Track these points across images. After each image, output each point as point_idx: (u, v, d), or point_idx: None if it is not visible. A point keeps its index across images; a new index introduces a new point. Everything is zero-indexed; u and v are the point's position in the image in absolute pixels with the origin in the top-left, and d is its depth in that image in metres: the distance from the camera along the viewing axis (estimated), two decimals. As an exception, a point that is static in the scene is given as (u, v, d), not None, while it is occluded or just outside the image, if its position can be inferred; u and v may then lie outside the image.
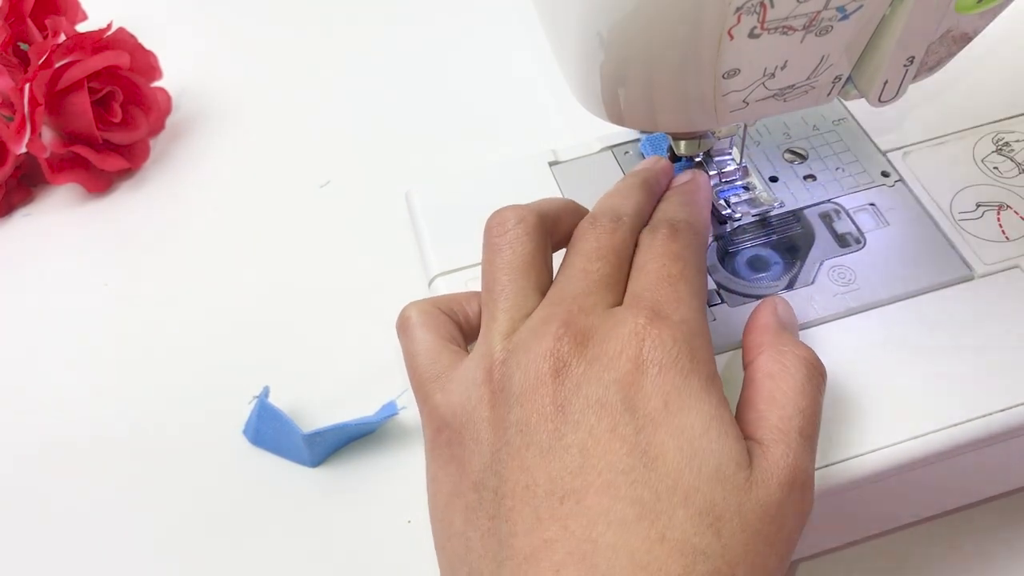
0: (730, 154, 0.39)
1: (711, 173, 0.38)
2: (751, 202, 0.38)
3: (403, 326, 0.32)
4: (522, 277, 0.30)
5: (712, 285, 0.36)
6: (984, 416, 0.31)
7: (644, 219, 0.33)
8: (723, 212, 0.38)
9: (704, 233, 0.33)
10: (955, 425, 0.31)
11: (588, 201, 0.39)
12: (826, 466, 0.30)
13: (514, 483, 0.26)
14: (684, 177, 0.35)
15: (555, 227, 0.32)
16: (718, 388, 0.28)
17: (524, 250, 0.31)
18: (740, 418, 0.28)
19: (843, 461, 0.30)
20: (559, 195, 0.41)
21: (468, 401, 0.29)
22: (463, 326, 0.33)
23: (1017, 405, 0.31)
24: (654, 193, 0.34)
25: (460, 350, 0.31)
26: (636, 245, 0.31)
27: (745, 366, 0.30)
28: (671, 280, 0.29)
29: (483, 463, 0.27)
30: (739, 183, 0.39)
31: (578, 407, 0.27)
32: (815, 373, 0.29)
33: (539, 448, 0.26)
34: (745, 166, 0.39)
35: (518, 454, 0.27)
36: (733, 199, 0.38)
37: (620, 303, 0.29)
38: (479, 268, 0.38)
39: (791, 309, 0.32)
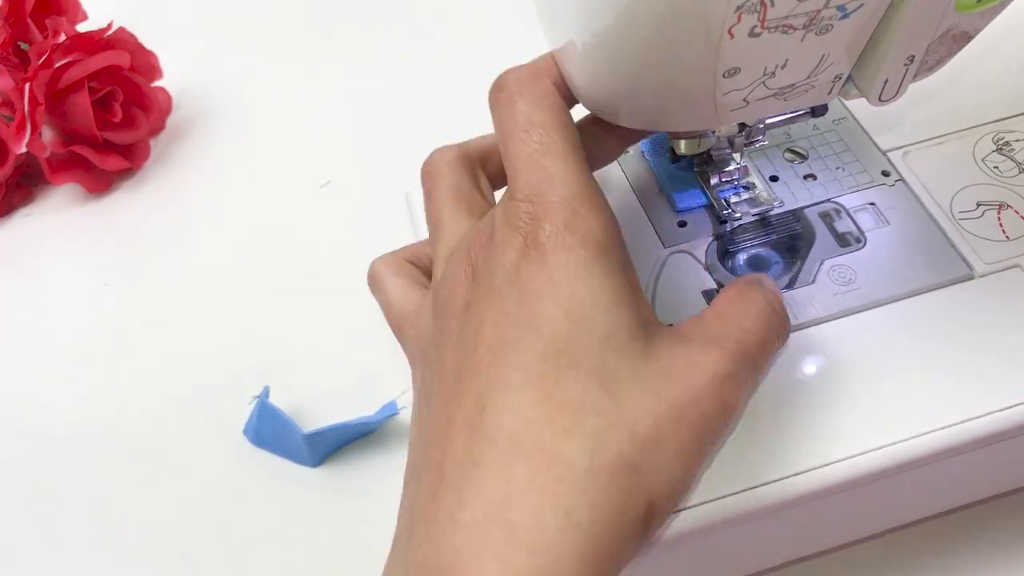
0: (728, 150, 0.38)
1: (710, 173, 0.39)
2: (751, 201, 0.38)
3: (373, 280, 0.34)
4: (451, 206, 0.32)
5: (712, 284, 0.36)
6: (984, 416, 0.31)
7: None
8: (723, 212, 0.38)
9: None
10: (955, 424, 0.31)
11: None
12: (825, 465, 0.30)
13: (437, 379, 0.28)
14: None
15: (485, 163, 0.34)
16: (614, 260, 0.27)
17: (449, 183, 0.32)
18: (687, 329, 0.28)
19: (842, 460, 0.30)
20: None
21: (426, 325, 0.30)
22: (427, 272, 0.34)
23: (1017, 405, 0.31)
24: None
25: (428, 291, 0.33)
26: None
27: None
28: (536, 156, 0.28)
29: (421, 373, 0.29)
30: (739, 183, 0.39)
31: (477, 297, 0.28)
32: (773, 312, 0.29)
33: (452, 343, 0.28)
34: (745, 165, 0.39)
35: (439, 356, 0.28)
36: (733, 199, 0.38)
37: None
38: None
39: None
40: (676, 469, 0.25)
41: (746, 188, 0.39)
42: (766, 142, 0.38)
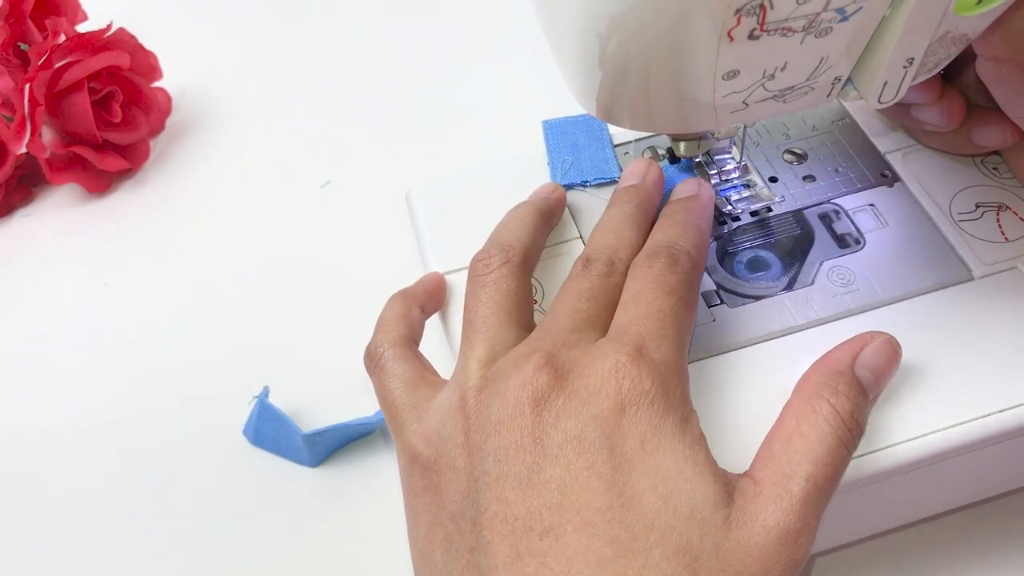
0: (730, 153, 0.39)
1: (711, 172, 0.39)
2: (751, 201, 0.38)
3: (377, 361, 0.33)
4: (503, 311, 0.31)
5: (712, 285, 0.36)
6: (984, 416, 0.31)
7: (637, 251, 0.32)
8: (723, 212, 0.38)
9: (702, 263, 0.32)
10: (954, 426, 0.31)
11: (589, 201, 0.39)
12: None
13: (492, 515, 0.26)
14: (688, 189, 0.35)
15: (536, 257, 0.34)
16: (693, 426, 0.28)
17: (508, 287, 0.32)
18: (757, 453, 0.28)
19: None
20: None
21: (444, 428, 0.29)
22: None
23: (1017, 405, 0.31)
24: (649, 218, 0.34)
25: (439, 381, 0.32)
26: (629, 271, 0.32)
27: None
28: (660, 315, 0.29)
29: (460, 492, 0.27)
30: (739, 182, 0.39)
31: (556, 441, 0.27)
32: (844, 430, 0.28)
33: (517, 480, 0.26)
34: (745, 164, 0.39)
35: (496, 484, 0.27)
36: (734, 198, 0.38)
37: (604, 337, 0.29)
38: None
39: (886, 353, 0.31)
40: None
41: (746, 187, 0.39)
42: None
